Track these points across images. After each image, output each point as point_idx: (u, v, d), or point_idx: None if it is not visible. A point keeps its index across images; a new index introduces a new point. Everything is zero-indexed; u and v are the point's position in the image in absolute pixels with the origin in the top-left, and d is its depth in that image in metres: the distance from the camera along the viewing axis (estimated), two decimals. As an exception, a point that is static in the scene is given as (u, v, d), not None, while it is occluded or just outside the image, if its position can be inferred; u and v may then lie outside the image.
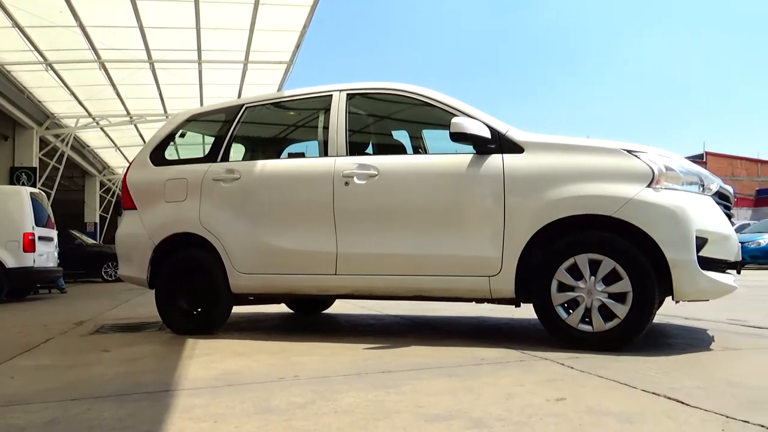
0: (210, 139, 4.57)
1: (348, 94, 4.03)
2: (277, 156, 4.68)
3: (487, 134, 3.44)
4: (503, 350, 3.18)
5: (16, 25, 9.99)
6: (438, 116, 3.76)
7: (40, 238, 9.49)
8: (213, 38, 11.08)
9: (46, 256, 9.77)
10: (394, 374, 2.67)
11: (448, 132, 3.43)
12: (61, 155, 15.95)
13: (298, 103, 4.49)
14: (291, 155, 4.27)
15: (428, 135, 4.62)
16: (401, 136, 4.63)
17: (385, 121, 4.67)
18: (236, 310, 4.59)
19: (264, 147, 4.97)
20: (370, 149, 4.40)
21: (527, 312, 3.72)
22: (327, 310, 5.63)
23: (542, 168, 3.32)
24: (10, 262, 8.93)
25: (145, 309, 6.21)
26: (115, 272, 13.39)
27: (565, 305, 3.19)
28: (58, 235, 10.73)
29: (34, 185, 13.46)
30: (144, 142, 15.51)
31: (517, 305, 3.54)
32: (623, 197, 3.10)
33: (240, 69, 12.73)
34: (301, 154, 4.19)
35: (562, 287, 3.19)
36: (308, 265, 3.83)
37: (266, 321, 5.16)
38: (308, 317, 5.38)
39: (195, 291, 4.19)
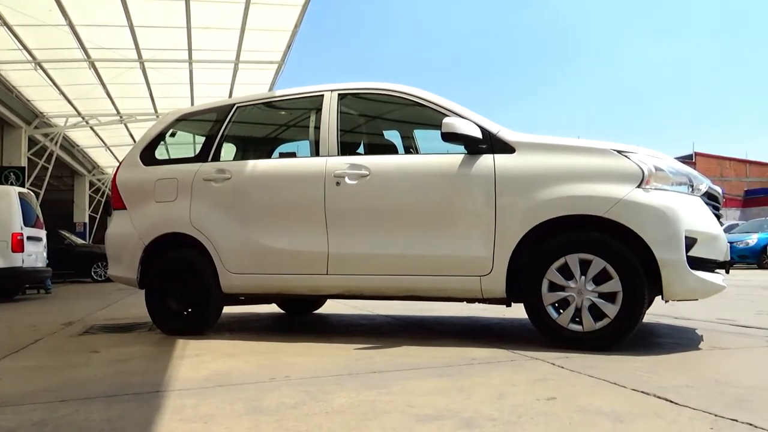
0: (201, 139, 4.54)
1: (339, 94, 4.03)
2: (269, 156, 4.66)
3: (479, 134, 3.45)
4: (494, 350, 3.19)
5: (5, 24, 9.90)
6: (429, 116, 3.77)
7: (29, 238, 9.40)
8: (204, 38, 11.03)
9: (35, 256, 9.69)
10: (385, 374, 2.67)
11: (440, 132, 3.44)
12: (50, 155, 15.84)
13: (290, 103, 4.48)
14: (282, 155, 4.26)
15: (420, 135, 4.63)
16: (393, 136, 4.63)
17: (377, 121, 4.67)
18: (227, 310, 4.58)
19: (255, 147, 4.96)
20: (361, 149, 4.39)
21: (518, 312, 3.73)
22: (318, 311, 5.63)
23: (533, 168, 3.33)
24: (-1, 263, 8.84)
25: (135, 309, 6.17)
26: (105, 272, 13.27)
27: (556, 305, 3.20)
28: (47, 235, 10.63)
29: (22, 185, 13.32)
30: (134, 141, 15.47)
31: (508, 305, 3.55)
32: (613, 197, 3.12)
33: (231, 69, 12.69)
34: (293, 154, 4.18)
35: (553, 287, 3.21)
36: (299, 265, 3.83)
37: (257, 321, 5.14)
38: (299, 317, 5.36)
39: (185, 291, 4.16)
